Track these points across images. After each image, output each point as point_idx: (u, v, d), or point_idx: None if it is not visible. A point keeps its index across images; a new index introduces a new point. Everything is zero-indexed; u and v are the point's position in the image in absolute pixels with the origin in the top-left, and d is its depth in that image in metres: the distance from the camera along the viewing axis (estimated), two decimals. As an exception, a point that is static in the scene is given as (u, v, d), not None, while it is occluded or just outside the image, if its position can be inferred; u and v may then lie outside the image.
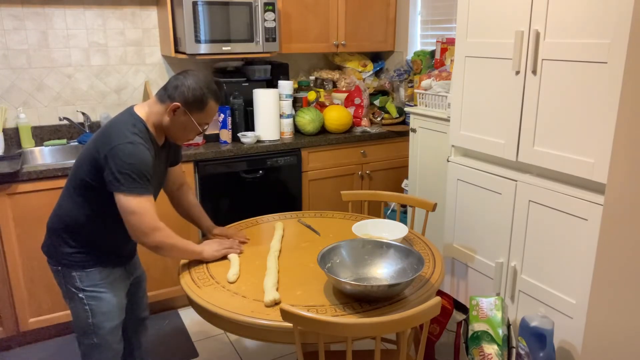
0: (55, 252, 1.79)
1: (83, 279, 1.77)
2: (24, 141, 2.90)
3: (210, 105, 1.76)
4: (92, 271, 1.78)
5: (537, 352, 1.93)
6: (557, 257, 1.99)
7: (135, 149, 1.64)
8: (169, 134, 1.80)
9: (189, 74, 1.75)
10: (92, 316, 1.79)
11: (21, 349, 2.69)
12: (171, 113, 1.73)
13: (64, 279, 1.79)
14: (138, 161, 1.64)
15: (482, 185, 2.30)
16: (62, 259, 1.77)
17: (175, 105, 1.71)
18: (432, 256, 1.96)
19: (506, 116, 2.14)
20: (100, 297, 1.79)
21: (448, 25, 3.35)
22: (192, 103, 1.72)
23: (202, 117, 1.77)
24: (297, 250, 2.01)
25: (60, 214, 1.78)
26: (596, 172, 1.81)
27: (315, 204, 3.30)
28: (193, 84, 1.71)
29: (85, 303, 1.78)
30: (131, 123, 1.70)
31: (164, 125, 1.76)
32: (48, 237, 1.82)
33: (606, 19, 1.70)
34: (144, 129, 1.72)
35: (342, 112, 3.29)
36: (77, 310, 1.80)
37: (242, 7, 2.95)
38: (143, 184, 1.65)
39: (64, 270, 1.78)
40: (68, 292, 1.80)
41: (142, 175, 1.65)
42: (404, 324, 1.42)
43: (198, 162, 2.87)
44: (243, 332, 1.58)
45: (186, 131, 1.78)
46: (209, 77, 1.77)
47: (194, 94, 1.71)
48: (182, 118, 1.74)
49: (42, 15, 2.91)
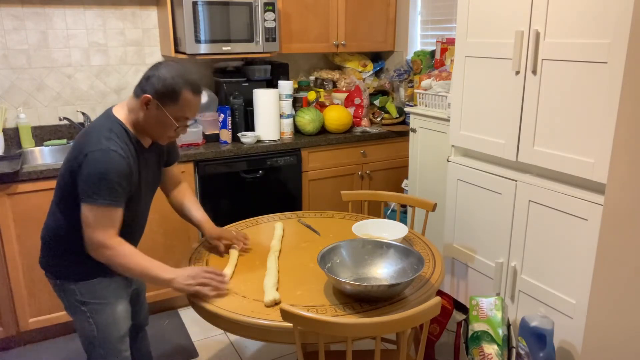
0: (51, 265, 1.71)
1: (83, 292, 1.69)
2: (24, 141, 2.90)
3: (185, 96, 1.59)
4: (92, 282, 1.70)
5: (537, 352, 1.93)
6: (557, 257, 1.99)
7: (104, 157, 1.53)
8: (146, 131, 1.66)
9: (162, 64, 1.62)
10: (97, 329, 1.72)
11: (21, 349, 2.69)
12: (144, 107, 1.60)
13: (63, 292, 1.72)
14: (105, 170, 1.53)
15: (482, 185, 2.30)
16: (59, 272, 1.70)
17: (145, 98, 1.58)
18: (432, 256, 1.96)
19: (506, 116, 2.14)
20: (104, 309, 1.71)
21: (448, 25, 3.35)
22: (164, 94, 1.58)
23: (177, 111, 1.61)
24: (297, 250, 2.01)
25: (50, 225, 1.71)
26: (596, 172, 1.81)
27: (315, 204, 3.30)
28: (165, 73, 1.58)
29: (89, 316, 1.70)
30: (107, 127, 1.59)
31: (140, 122, 1.63)
32: (42, 250, 1.74)
33: (606, 19, 1.70)
34: (123, 132, 1.61)
35: (342, 112, 3.29)
36: (81, 324, 1.73)
37: (242, 7, 2.95)
38: (106, 194, 1.54)
39: (62, 284, 1.71)
40: (70, 305, 1.73)
41: (108, 185, 1.54)
42: (404, 324, 1.42)
43: (198, 162, 2.87)
44: (243, 332, 1.58)
45: (162, 127, 1.64)
46: (187, 68, 1.64)
47: (164, 84, 1.57)
48: (156, 112, 1.60)
49: (42, 15, 2.91)
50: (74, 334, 2.80)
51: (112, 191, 1.55)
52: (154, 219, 2.75)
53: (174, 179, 2.00)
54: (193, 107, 1.64)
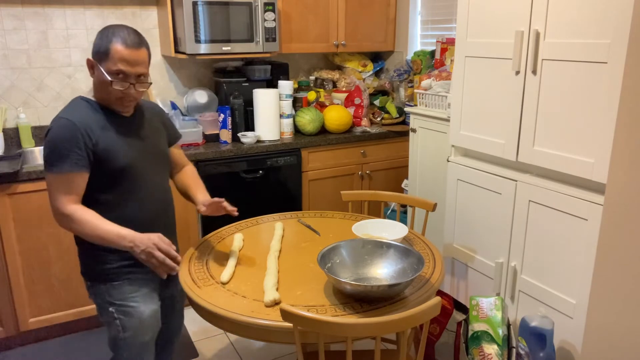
0: (84, 266, 1.75)
1: (112, 292, 1.72)
2: (24, 141, 2.90)
3: (115, 48, 1.57)
4: (121, 284, 1.72)
5: (537, 352, 1.93)
6: (557, 257, 1.99)
7: (56, 124, 1.58)
8: (101, 98, 1.67)
9: (104, 28, 1.64)
10: (123, 331, 1.72)
11: (21, 349, 2.69)
12: (91, 72, 1.64)
13: (94, 295, 1.75)
14: (53, 137, 1.56)
15: (482, 185, 2.30)
16: (89, 273, 1.74)
17: (89, 61, 1.63)
18: (432, 256, 1.96)
19: (506, 116, 2.14)
20: (131, 312, 1.72)
21: (448, 25, 3.35)
22: (98, 53, 1.60)
23: (110, 65, 1.58)
24: (297, 250, 2.01)
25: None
26: (596, 172, 1.81)
27: (315, 204, 3.30)
28: (101, 34, 1.61)
29: (116, 317, 1.72)
30: (69, 104, 1.66)
31: (96, 90, 1.67)
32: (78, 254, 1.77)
33: (606, 19, 1.70)
34: (83, 103, 1.65)
35: (342, 112, 3.29)
36: (110, 325, 1.74)
37: (242, 7, 2.95)
38: (59, 161, 1.55)
39: (93, 285, 1.74)
40: (100, 308, 1.75)
41: (59, 151, 1.55)
42: (404, 324, 1.42)
43: (198, 162, 2.87)
44: (243, 332, 1.58)
45: (104, 87, 1.63)
46: (124, 27, 1.62)
47: (97, 43, 1.60)
48: (97, 73, 1.62)
49: (42, 15, 2.91)
50: (74, 334, 2.80)
51: (62, 157, 1.55)
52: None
53: (177, 161, 1.99)
54: (127, 59, 1.59)
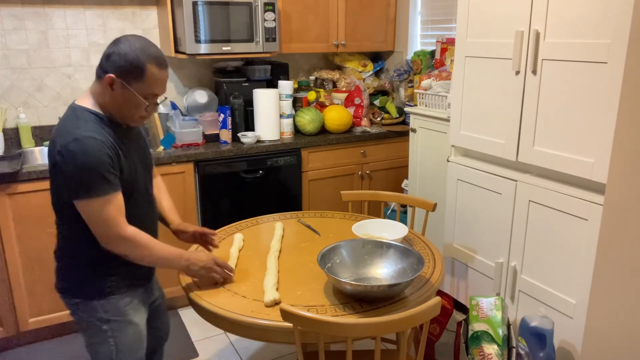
0: (70, 283, 1.61)
1: (107, 308, 1.59)
2: (24, 141, 2.90)
3: (151, 71, 1.48)
4: (114, 298, 1.60)
5: (537, 352, 1.93)
6: (557, 257, 1.99)
7: (79, 147, 1.42)
8: (115, 114, 1.54)
9: (121, 39, 1.49)
10: (117, 351, 1.61)
11: (21, 349, 2.69)
12: (109, 88, 1.48)
13: (84, 312, 1.60)
14: (86, 160, 1.42)
15: (482, 185, 2.30)
16: (78, 289, 1.59)
17: (109, 78, 1.46)
18: (432, 256, 1.96)
19: (506, 116, 2.14)
20: (126, 327, 1.62)
21: (448, 25, 3.35)
22: (128, 72, 1.46)
23: (144, 87, 1.49)
24: (297, 250, 2.01)
25: (59, 241, 1.62)
26: (596, 172, 1.81)
27: (315, 204, 3.30)
28: (126, 48, 1.46)
29: (110, 335, 1.60)
30: (74, 117, 1.48)
31: (108, 105, 1.52)
32: (58, 270, 1.63)
33: (606, 19, 1.70)
34: (92, 116, 1.50)
35: (342, 112, 3.29)
36: (99, 347, 1.61)
37: (242, 7, 2.95)
38: (98, 184, 1.44)
39: (83, 303, 1.59)
40: (90, 327, 1.61)
41: (95, 174, 1.43)
42: (404, 324, 1.42)
43: (198, 162, 2.87)
44: (243, 332, 1.58)
45: (132, 107, 1.52)
46: (147, 41, 1.52)
47: (127, 61, 1.45)
48: (122, 92, 1.49)
49: (42, 15, 2.91)
50: (74, 334, 2.80)
51: (103, 178, 1.45)
52: (154, 219, 2.75)
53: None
54: (160, 82, 1.52)
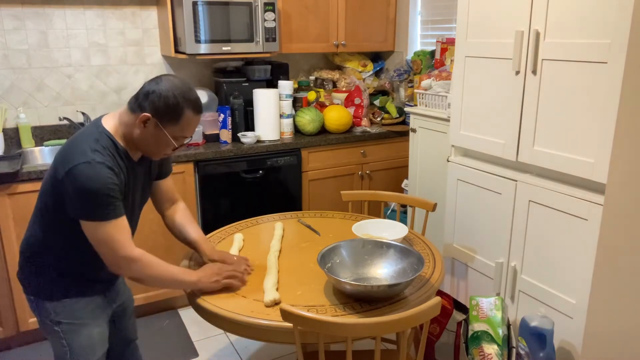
0: (28, 280, 1.61)
1: (58, 311, 1.58)
2: (24, 141, 2.90)
3: (187, 116, 1.52)
4: (68, 301, 1.59)
5: (537, 352, 1.93)
6: (557, 257, 1.99)
7: (92, 171, 1.43)
8: (141, 148, 1.57)
9: (162, 79, 1.52)
10: (70, 352, 1.61)
11: (21, 349, 2.69)
12: (141, 125, 1.51)
13: (37, 310, 1.61)
14: (95, 185, 1.43)
15: (482, 185, 2.30)
16: (35, 289, 1.59)
17: (145, 117, 1.49)
18: (432, 256, 1.96)
19: (506, 116, 2.14)
20: (79, 331, 1.61)
21: (448, 25, 3.35)
22: (164, 114, 1.49)
23: (177, 130, 1.53)
24: (297, 250, 2.01)
25: (28, 238, 1.60)
26: (596, 172, 1.81)
27: (315, 204, 3.30)
28: (166, 91, 1.48)
29: (62, 337, 1.60)
30: (94, 138, 1.49)
31: (134, 138, 1.54)
32: (20, 263, 1.63)
33: (606, 19, 1.70)
34: (110, 143, 1.52)
35: (342, 112, 3.29)
36: (54, 345, 1.63)
37: (242, 7, 2.95)
38: (107, 208, 1.46)
39: (37, 301, 1.60)
40: (44, 325, 1.62)
41: (104, 199, 1.45)
42: (404, 324, 1.42)
43: (198, 162, 2.87)
44: (243, 332, 1.58)
45: (160, 146, 1.56)
46: (187, 84, 1.54)
47: (166, 103, 1.48)
48: (154, 131, 1.52)
49: (42, 15, 2.91)
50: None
51: (111, 203, 1.47)
52: (153, 219, 2.75)
53: (168, 195, 1.86)
54: (193, 126, 1.56)
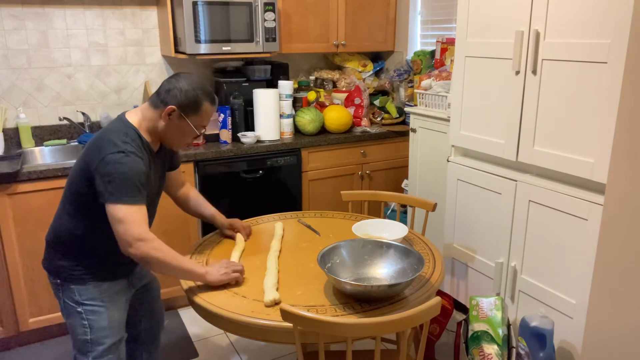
0: (54, 266, 1.76)
1: (82, 293, 1.74)
2: (24, 141, 2.90)
3: (206, 107, 1.74)
4: (91, 284, 1.75)
5: (537, 352, 1.93)
6: (557, 257, 2.00)
7: (125, 158, 1.61)
8: (165, 139, 1.78)
9: (181, 76, 1.73)
10: (91, 332, 1.75)
11: (21, 349, 2.69)
12: (166, 117, 1.71)
13: (62, 293, 1.76)
14: (128, 170, 1.60)
15: (482, 185, 2.30)
16: (60, 273, 1.75)
17: (170, 109, 1.69)
18: (432, 256, 1.96)
19: (506, 116, 2.14)
20: (100, 312, 1.76)
21: (448, 25, 3.35)
22: (186, 106, 1.70)
23: (198, 120, 1.75)
24: (297, 250, 2.01)
25: (56, 227, 1.76)
26: (596, 172, 1.81)
27: (315, 204, 3.30)
28: (186, 86, 1.70)
29: (84, 318, 1.74)
30: (123, 132, 1.67)
31: (159, 131, 1.74)
32: (46, 251, 1.80)
33: (606, 19, 1.70)
34: (137, 136, 1.70)
35: (342, 112, 3.29)
36: (75, 326, 1.76)
37: (242, 7, 2.95)
38: (133, 193, 1.61)
39: (63, 284, 1.76)
40: (66, 306, 1.77)
41: (133, 184, 1.61)
42: (404, 324, 1.42)
43: (198, 162, 2.87)
44: (243, 332, 1.58)
45: (183, 135, 1.77)
46: (201, 80, 1.76)
47: (187, 96, 1.69)
48: (178, 122, 1.72)
49: (42, 15, 2.91)
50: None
51: (137, 190, 1.62)
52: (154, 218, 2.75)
53: (178, 181, 2.08)
54: (210, 115, 1.78)
